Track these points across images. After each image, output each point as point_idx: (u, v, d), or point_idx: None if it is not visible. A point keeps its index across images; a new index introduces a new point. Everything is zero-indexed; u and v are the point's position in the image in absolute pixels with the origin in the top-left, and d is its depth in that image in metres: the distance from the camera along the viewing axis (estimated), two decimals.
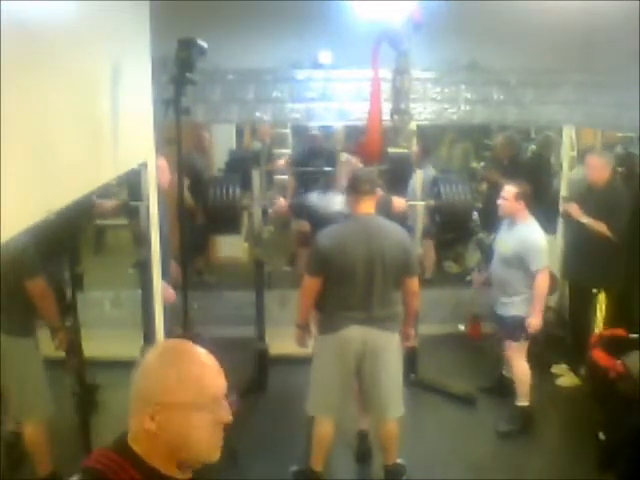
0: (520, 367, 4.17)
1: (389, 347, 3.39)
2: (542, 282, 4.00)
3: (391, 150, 4.55)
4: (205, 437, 1.27)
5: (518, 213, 4.07)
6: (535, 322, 4.04)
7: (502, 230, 4.24)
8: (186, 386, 1.27)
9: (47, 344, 3.49)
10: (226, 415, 1.29)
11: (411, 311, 3.57)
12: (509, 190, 4.08)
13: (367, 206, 3.36)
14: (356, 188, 3.36)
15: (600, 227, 4.42)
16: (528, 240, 4.00)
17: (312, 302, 3.43)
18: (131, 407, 1.30)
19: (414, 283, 3.46)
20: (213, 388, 1.28)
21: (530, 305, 4.04)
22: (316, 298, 3.40)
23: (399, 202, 4.23)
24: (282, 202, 4.32)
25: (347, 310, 3.31)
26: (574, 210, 4.61)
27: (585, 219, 4.51)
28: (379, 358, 3.36)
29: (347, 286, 3.29)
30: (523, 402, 4.19)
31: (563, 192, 5.46)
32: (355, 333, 3.32)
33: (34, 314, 3.36)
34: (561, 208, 4.97)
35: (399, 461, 3.64)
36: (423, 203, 4.55)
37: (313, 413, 3.52)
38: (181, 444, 1.27)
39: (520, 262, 4.01)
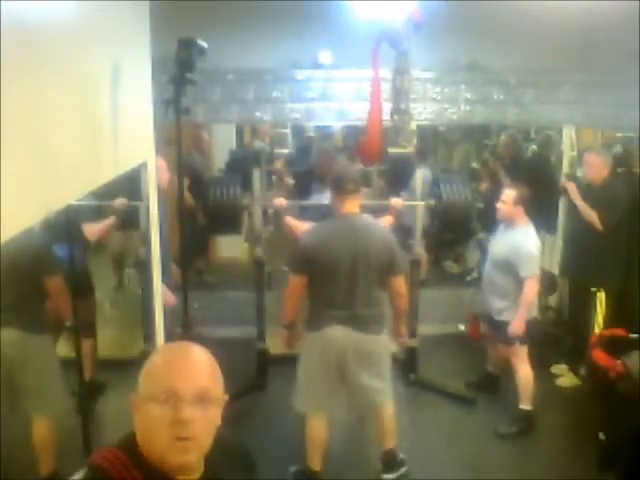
0: (523, 372, 4.12)
1: (373, 350, 3.40)
2: (530, 290, 3.95)
3: (391, 150, 4.55)
4: (163, 433, 1.23)
5: (516, 217, 4.04)
6: (516, 327, 3.99)
7: (498, 232, 4.22)
8: (149, 378, 1.28)
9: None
10: (183, 413, 1.23)
11: (399, 310, 3.58)
12: (508, 194, 4.05)
13: (352, 205, 3.37)
14: (341, 187, 3.36)
15: (591, 215, 4.43)
16: (520, 246, 3.96)
17: (297, 301, 3.46)
18: None
19: (399, 282, 3.46)
20: (174, 383, 1.24)
21: (517, 309, 4.01)
22: (302, 297, 3.42)
23: (396, 202, 4.25)
24: (282, 202, 4.32)
25: (331, 309, 3.33)
26: (571, 188, 4.61)
27: (579, 201, 4.52)
28: (362, 361, 3.37)
29: (331, 285, 3.30)
30: (526, 405, 4.15)
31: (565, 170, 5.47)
32: (338, 334, 3.32)
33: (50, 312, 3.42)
34: (560, 183, 4.99)
35: (402, 456, 3.65)
36: (423, 203, 4.55)
37: (300, 409, 3.52)
38: (145, 438, 1.27)
39: (510, 267, 3.97)
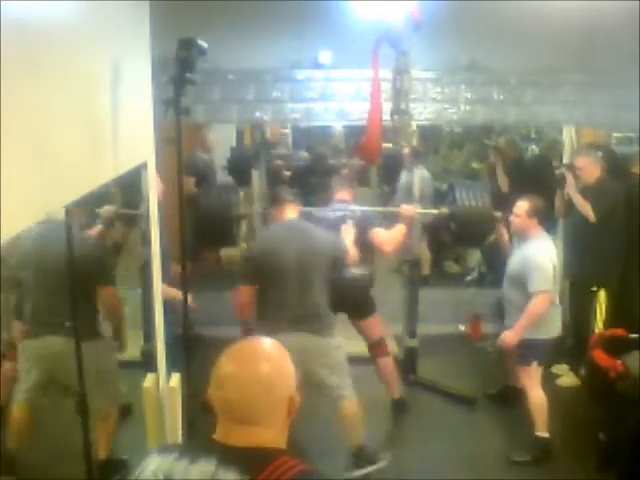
0: (536, 396, 3.87)
1: (324, 353, 3.53)
2: (537, 305, 3.72)
3: (384, 145, 4.59)
4: None
5: (530, 230, 3.86)
6: (508, 337, 3.81)
7: (514, 248, 4.04)
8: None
9: None
10: None
11: None
12: (521, 206, 3.87)
13: (290, 212, 3.71)
14: (281, 198, 3.78)
15: (585, 207, 4.41)
16: (531, 259, 3.78)
17: (250, 309, 3.61)
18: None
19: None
20: None
21: (537, 327, 3.79)
22: (252, 305, 3.58)
23: (408, 209, 4.34)
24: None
25: (281, 311, 3.46)
26: (569, 179, 4.57)
27: (573, 193, 4.51)
28: (316, 364, 3.50)
29: (280, 289, 3.48)
30: (543, 433, 3.87)
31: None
32: (290, 340, 3.36)
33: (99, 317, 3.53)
34: (560, 170, 4.91)
35: (374, 452, 3.67)
36: (436, 211, 4.57)
37: None
38: None
39: (521, 281, 3.80)
